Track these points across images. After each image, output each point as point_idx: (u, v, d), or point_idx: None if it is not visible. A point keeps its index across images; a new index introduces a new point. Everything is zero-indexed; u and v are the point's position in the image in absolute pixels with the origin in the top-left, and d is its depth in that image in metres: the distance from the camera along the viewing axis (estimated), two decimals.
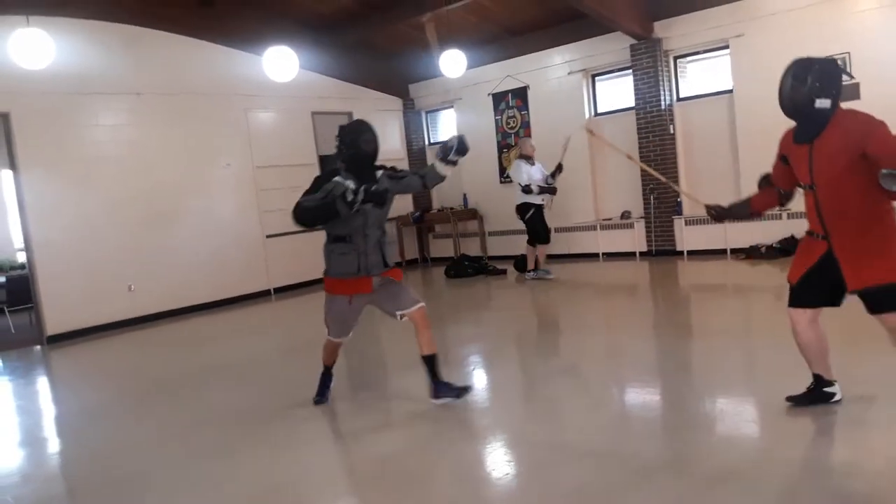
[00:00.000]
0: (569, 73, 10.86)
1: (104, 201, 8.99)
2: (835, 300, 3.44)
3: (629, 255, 10.30)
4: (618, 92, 10.69)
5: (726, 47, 9.44)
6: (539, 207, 9.21)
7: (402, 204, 12.71)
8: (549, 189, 9.21)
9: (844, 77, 3.33)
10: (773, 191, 3.71)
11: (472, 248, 12.13)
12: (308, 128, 11.38)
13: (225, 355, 6.98)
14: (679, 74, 10.07)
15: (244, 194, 10.46)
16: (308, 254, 11.17)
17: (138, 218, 9.27)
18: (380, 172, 4.30)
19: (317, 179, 4.23)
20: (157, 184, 9.48)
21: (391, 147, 12.36)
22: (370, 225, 4.23)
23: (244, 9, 9.94)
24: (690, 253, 9.72)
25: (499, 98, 11.82)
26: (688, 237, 9.79)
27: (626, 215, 10.44)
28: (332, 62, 11.39)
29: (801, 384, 3.67)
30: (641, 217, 10.26)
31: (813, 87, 3.16)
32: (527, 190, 9.05)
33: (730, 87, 9.47)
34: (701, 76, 10.06)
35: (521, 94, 11.55)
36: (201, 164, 10.03)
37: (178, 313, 9.52)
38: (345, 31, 10.51)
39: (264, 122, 10.86)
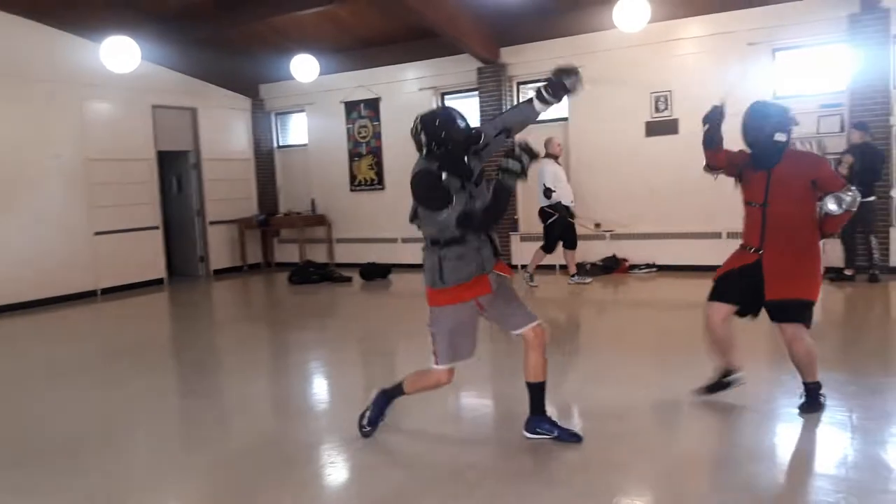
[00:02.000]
0: (420, 89, 11.20)
1: None
2: (745, 310, 3.99)
3: None
4: (465, 111, 11.14)
5: None
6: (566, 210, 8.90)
7: (247, 206, 12.44)
8: None
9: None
10: (723, 155, 4.14)
11: (318, 254, 12.10)
12: (147, 121, 10.87)
13: (51, 358, 6.52)
14: (521, 99, 10.72)
15: (73, 187, 9.78)
16: (140, 253, 10.79)
17: None
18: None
19: (432, 186, 3.48)
20: None
21: (237, 147, 12.11)
22: None
23: None
24: (523, 266, 10.33)
25: (351, 107, 11.94)
26: (523, 251, 10.41)
27: None
28: (179, 56, 10.97)
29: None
30: None
31: (773, 123, 3.79)
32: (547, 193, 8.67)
33: (566, 115, 10.21)
34: None
35: (373, 105, 11.74)
36: (27, 152, 9.28)
37: None
38: (194, 26, 10.15)
39: (100, 113, 10.24)
